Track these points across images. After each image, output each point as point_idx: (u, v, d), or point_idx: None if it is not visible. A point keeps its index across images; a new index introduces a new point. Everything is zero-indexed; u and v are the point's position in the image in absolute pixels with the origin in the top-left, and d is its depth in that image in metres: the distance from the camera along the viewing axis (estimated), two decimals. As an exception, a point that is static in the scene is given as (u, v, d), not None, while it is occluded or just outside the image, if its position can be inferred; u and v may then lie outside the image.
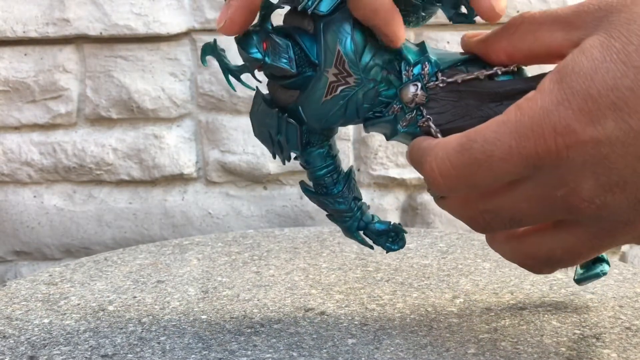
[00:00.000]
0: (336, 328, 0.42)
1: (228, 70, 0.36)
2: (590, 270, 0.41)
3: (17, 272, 0.82)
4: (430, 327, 0.42)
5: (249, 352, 0.39)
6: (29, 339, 0.42)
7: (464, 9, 0.34)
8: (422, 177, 0.32)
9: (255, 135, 0.38)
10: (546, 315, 0.43)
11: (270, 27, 0.35)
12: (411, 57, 0.35)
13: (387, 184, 0.77)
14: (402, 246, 0.40)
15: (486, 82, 0.33)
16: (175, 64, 0.75)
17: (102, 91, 0.76)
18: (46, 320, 0.44)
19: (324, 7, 0.33)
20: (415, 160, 0.33)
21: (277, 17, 0.36)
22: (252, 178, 0.78)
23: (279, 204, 0.78)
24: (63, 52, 0.75)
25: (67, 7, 0.73)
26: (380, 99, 0.35)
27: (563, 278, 0.50)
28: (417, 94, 0.34)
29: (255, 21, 0.35)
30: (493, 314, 0.44)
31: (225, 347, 0.40)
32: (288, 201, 0.78)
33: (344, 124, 0.36)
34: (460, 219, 0.33)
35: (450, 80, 0.34)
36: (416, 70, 0.34)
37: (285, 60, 0.34)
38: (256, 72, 0.36)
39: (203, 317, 0.44)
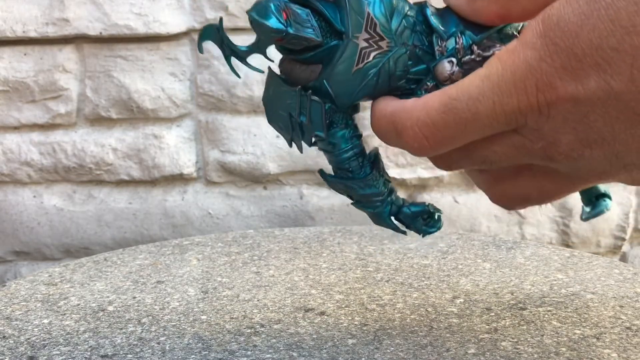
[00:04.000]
0: (336, 328, 0.42)
1: (233, 53, 0.33)
2: (596, 207, 0.41)
3: (16, 272, 0.82)
4: (430, 327, 0.42)
5: (249, 352, 0.39)
6: (28, 339, 0.42)
7: None
8: (397, 147, 0.30)
9: (270, 121, 0.35)
10: (546, 315, 0.43)
11: None
12: (442, 30, 0.31)
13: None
14: (440, 228, 0.37)
15: None
16: (175, 64, 0.75)
17: (102, 91, 0.76)
18: (46, 321, 0.44)
19: None
20: (386, 128, 0.31)
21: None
22: (252, 178, 0.78)
23: (279, 204, 0.78)
24: (63, 52, 0.75)
25: (67, 7, 0.73)
26: (409, 77, 0.32)
27: (563, 278, 0.50)
28: (454, 71, 0.31)
29: None
30: (493, 314, 0.44)
31: (225, 347, 0.40)
32: (288, 201, 0.78)
33: (375, 97, 0.33)
34: (422, 156, 0.32)
35: (487, 54, 0.31)
36: (450, 44, 0.31)
37: (310, 30, 0.31)
38: (267, 51, 0.32)
39: (203, 317, 0.44)
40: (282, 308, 0.45)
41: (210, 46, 0.82)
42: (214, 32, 0.33)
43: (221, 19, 0.33)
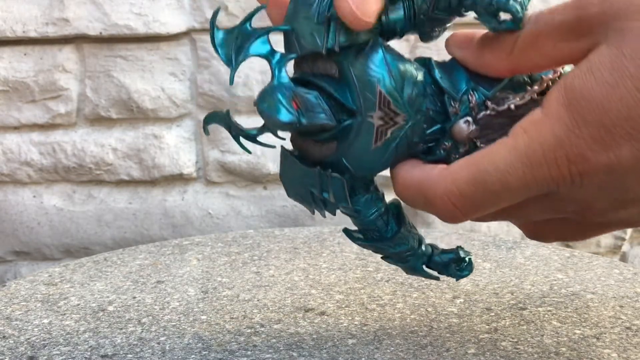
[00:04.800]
0: (336, 328, 0.42)
1: (242, 134, 0.32)
2: None
3: (16, 272, 0.82)
4: (430, 327, 0.42)
5: (249, 352, 0.39)
6: (28, 339, 0.42)
7: (504, 15, 0.29)
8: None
9: (290, 195, 0.35)
10: (546, 315, 0.43)
11: (289, 80, 0.30)
12: (453, 90, 0.31)
13: (387, 183, 0.77)
14: (472, 270, 0.37)
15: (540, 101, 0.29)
16: (175, 63, 0.75)
17: (101, 91, 0.76)
18: (46, 321, 0.44)
19: (346, 40, 0.29)
20: (414, 197, 0.31)
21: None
22: (252, 178, 0.78)
23: (279, 204, 0.78)
24: (63, 51, 0.75)
25: (67, 6, 0.73)
26: (426, 138, 0.32)
27: (563, 278, 0.50)
28: (471, 130, 0.31)
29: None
30: (493, 314, 0.44)
31: (225, 347, 0.40)
32: (288, 201, 0.78)
33: (394, 165, 0.32)
34: (455, 223, 0.33)
35: (501, 108, 0.30)
36: (463, 103, 0.31)
37: (323, 115, 0.30)
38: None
39: (203, 317, 0.44)
40: (282, 308, 0.45)
41: (208, 44, 0.82)
42: (222, 117, 0.32)
43: (228, 111, 0.32)
